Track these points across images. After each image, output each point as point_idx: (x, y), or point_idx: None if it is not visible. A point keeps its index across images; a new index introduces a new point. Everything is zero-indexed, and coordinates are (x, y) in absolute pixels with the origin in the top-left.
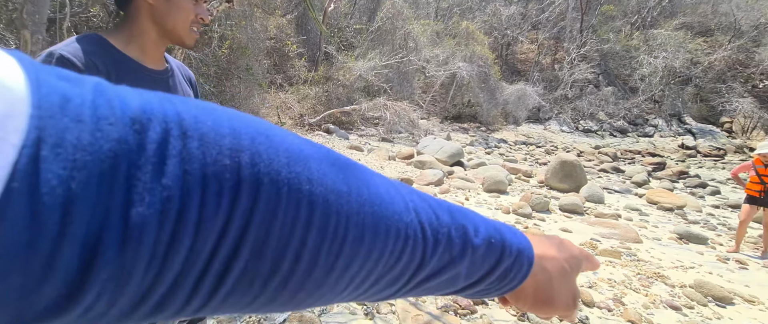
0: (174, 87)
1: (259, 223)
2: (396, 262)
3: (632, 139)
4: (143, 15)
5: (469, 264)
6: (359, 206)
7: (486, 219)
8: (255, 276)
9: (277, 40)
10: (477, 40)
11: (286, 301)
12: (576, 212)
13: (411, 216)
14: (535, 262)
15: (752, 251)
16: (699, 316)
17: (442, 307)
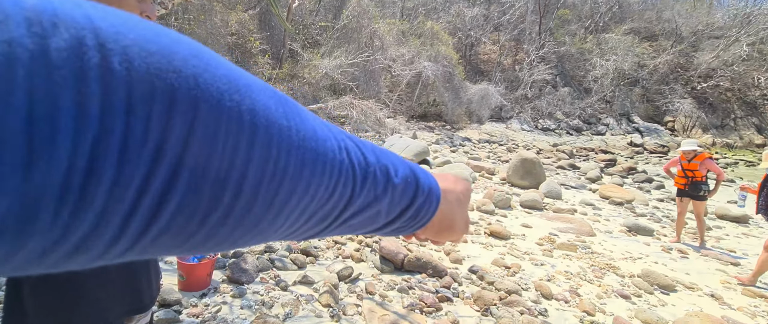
0: None
1: (196, 154)
2: (328, 199)
3: (587, 137)
4: None
5: (390, 201)
6: (300, 141)
7: (402, 160)
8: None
9: (239, 35)
10: (442, 41)
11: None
12: (536, 208)
13: (343, 155)
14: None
15: (691, 240)
16: (646, 304)
17: (408, 305)
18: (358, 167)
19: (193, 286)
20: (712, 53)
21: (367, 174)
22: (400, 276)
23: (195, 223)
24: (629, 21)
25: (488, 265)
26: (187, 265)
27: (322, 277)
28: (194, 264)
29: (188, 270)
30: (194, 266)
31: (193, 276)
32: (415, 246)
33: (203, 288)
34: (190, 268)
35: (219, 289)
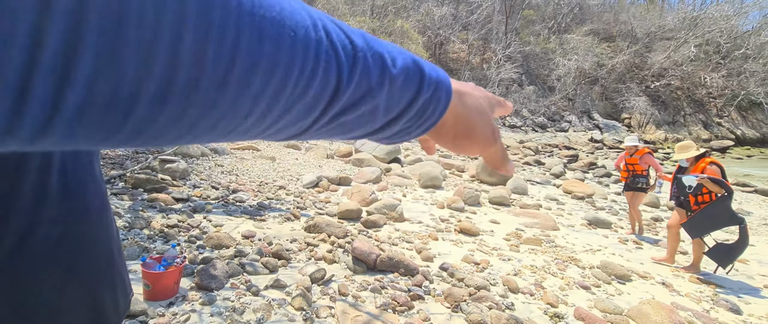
0: None
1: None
2: (307, 87)
3: (551, 133)
4: None
5: (388, 95)
6: (252, 8)
7: (402, 50)
8: (113, 84)
9: None
10: (412, 39)
11: (171, 123)
12: (503, 204)
13: (320, 34)
14: (452, 95)
15: (646, 232)
16: (604, 294)
17: (380, 305)
18: (343, 51)
19: (159, 295)
20: (664, 54)
21: (355, 60)
22: (373, 276)
23: (123, 100)
24: (589, 22)
25: (458, 262)
26: (152, 273)
27: (294, 280)
28: (160, 272)
29: (154, 278)
30: (160, 274)
31: (159, 284)
32: (387, 246)
33: (170, 296)
34: (155, 276)
35: (187, 296)
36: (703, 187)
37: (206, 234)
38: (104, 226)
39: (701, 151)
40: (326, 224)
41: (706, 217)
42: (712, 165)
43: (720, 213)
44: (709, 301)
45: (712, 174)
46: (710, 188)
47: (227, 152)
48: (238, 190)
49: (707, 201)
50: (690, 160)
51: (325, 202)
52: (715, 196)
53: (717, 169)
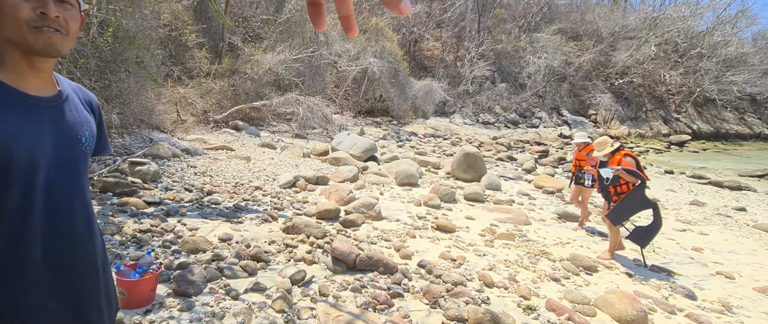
0: (65, 112)
1: None
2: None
3: (522, 130)
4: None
5: None
6: None
7: None
8: None
9: (173, 27)
10: (386, 37)
11: None
12: (478, 200)
13: None
14: None
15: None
16: (573, 285)
17: (361, 305)
18: None
19: (135, 303)
20: (627, 53)
21: None
22: (353, 276)
23: None
24: (557, 22)
25: (436, 259)
26: (127, 281)
27: (274, 282)
28: (135, 280)
29: (129, 286)
30: (136, 282)
31: (134, 292)
32: (366, 245)
33: (147, 304)
34: (131, 284)
35: (164, 303)
36: (621, 178)
37: (181, 238)
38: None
39: (616, 146)
40: (305, 225)
41: (625, 206)
42: (626, 157)
43: (636, 200)
44: (668, 289)
45: (627, 165)
46: (626, 179)
47: (200, 152)
48: (213, 191)
49: (625, 191)
50: (607, 155)
51: (302, 202)
52: (631, 186)
53: (631, 161)
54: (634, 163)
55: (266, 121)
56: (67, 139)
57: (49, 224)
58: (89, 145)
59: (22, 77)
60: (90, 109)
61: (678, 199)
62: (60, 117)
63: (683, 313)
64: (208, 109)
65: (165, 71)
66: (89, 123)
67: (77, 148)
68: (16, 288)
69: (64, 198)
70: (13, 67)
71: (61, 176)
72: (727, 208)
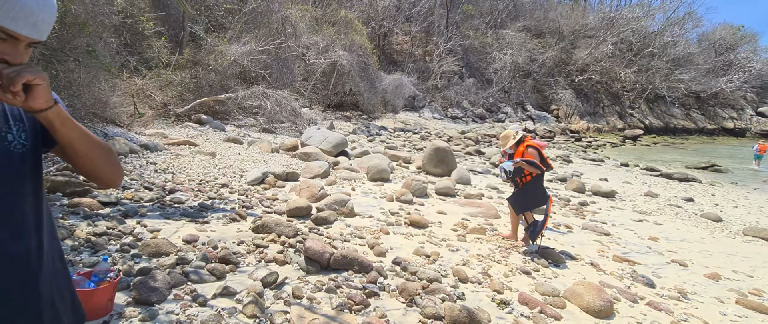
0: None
1: None
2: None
3: (489, 124)
4: None
5: None
6: None
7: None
8: None
9: (128, 14)
10: (356, 30)
11: None
12: (449, 195)
13: None
14: None
15: (574, 216)
16: (543, 277)
17: (337, 306)
18: None
19: (91, 315)
20: (586, 50)
21: None
22: (327, 275)
23: None
24: (522, 19)
25: (410, 256)
26: (81, 291)
27: (244, 286)
28: (90, 289)
29: (84, 297)
30: (91, 292)
31: (90, 303)
32: (339, 243)
33: (104, 315)
34: (86, 294)
35: (124, 313)
36: (524, 169)
37: (142, 241)
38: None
39: (519, 137)
40: (275, 224)
41: (524, 194)
42: (529, 148)
43: (534, 189)
44: (629, 278)
45: (529, 156)
46: (528, 170)
47: (160, 148)
48: (176, 190)
49: (528, 181)
50: (513, 147)
51: (272, 199)
52: (534, 175)
53: (533, 152)
54: (536, 153)
55: (232, 115)
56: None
57: None
58: (20, 142)
59: None
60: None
61: (634, 190)
62: None
63: (644, 301)
64: (168, 102)
65: (120, 61)
66: (19, 117)
67: (2, 148)
68: None
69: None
70: None
71: None
72: (677, 199)
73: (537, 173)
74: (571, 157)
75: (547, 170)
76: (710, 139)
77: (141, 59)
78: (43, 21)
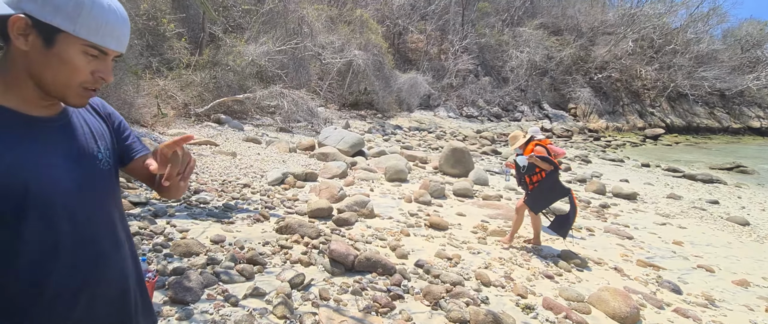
0: (74, 130)
1: None
2: None
3: (505, 123)
4: (17, 63)
5: None
6: None
7: None
8: None
9: (150, 16)
10: (371, 29)
11: None
12: (467, 196)
13: None
14: None
15: (596, 219)
16: (567, 282)
17: (363, 308)
18: None
19: None
20: (606, 48)
21: None
22: (352, 277)
23: None
24: (539, 16)
25: (432, 258)
26: None
27: (273, 286)
28: None
29: None
30: None
31: None
32: (362, 244)
33: None
34: None
35: (161, 312)
36: (536, 167)
37: (172, 241)
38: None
39: (528, 137)
40: (298, 225)
41: (541, 192)
42: (537, 146)
43: (551, 186)
44: (655, 283)
45: (539, 153)
46: (540, 165)
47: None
48: (201, 190)
49: (540, 179)
50: (521, 146)
51: (293, 199)
52: (544, 174)
53: (542, 149)
54: (544, 151)
55: (249, 115)
56: (83, 158)
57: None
58: (107, 159)
59: (28, 103)
60: (106, 118)
61: (656, 192)
62: (69, 137)
63: (671, 307)
64: (189, 102)
65: (143, 63)
66: (104, 136)
67: (93, 166)
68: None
69: (91, 223)
70: (23, 95)
71: (83, 200)
72: (701, 201)
73: (550, 170)
74: (590, 157)
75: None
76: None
77: (162, 60)
78: (124, 34)
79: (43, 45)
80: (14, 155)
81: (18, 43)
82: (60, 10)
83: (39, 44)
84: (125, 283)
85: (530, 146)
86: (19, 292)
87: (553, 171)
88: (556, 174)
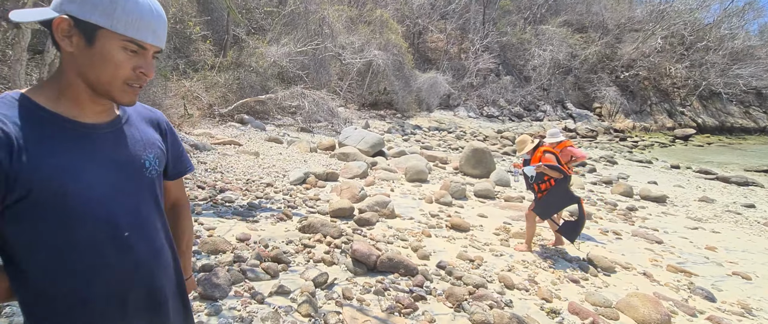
0: (126, 137)
1: None
2: None
3: (527, 123)
4: (68, 67)
5: None
6: None
7: None
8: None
9: (177, 20)
10: (391, 29)
11: None
12: (489, 197)
13: None
14: None
15: (621, 222)
16: (593, 286)
17: (387, 309)
18: None
19: None
20: (633, 45)
21: None
22: (374, 277)
23: None
24: (563, 13)
25: (454, 260)
26: None
27: (297, 285)
28: None
29: None
30: None
31: None
32: (383, 245)
33: None
34: None
35: (192, 308)
36: (545, 174)
37: (200, 238)
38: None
39: (535, 143)
40: (321, 224)
41: (550, 199)
42: (546, 153)
43: (560, 194)
44: (687, 290)
45: (548, 161)
46: (549, 174)
47: (209, 148)
48: (226, 189)
49: (549, 187)
50: (529, 152)
51: (314, 199)
52: (553, 181)
53: (551, 156)
54: (554, 158)
55: (271, 115)
56: (129, 165)
57: (117, 261)
58: (155, 168)
59: (81, 108)
60: (157, 127)
61: (686, 194)
62: (118, 143)
63: (704, 315)
64: (213, 102)
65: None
66: (154, 144)
67: (141, 174)
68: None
69: (131, 231)
70: (75, 99)
71: (124, 208)
72: (736, 205)
73: (559, 177)
74: (616, 158)
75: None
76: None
77: (188, 62)
78: (160, 28)
79: (86, 44)
80: (56, 161)
81: (64, 45)
82: (97, 6)
83: (82, 44)
84: (162, 291)
85: (538, 153)
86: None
87: (562, 179)
88: (566, 182)
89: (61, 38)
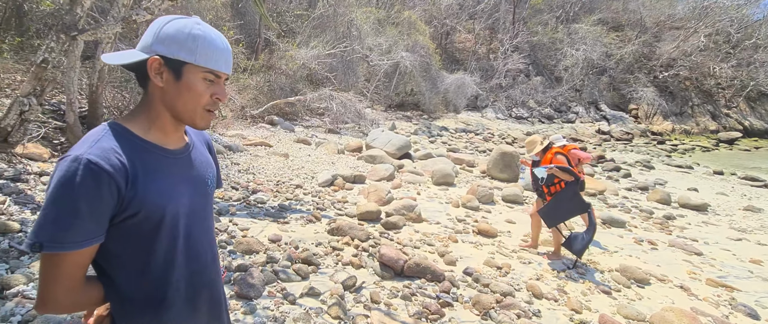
0: (194, 160)
1: None
2: None
3: (558, 125)
4: (157, 99)
5: None
6: None
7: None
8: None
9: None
10: (418, 30)
11: None
12: (517, 202)
13: None
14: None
15: (659, 231)
16: (625, 298)
17: (414, 314)
18: None
19: None
20: (673, 44)
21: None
22: (401, 282)
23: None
24: (598, 11)
25: (481, 266)
26: None
27: (327, 287)
28: None
29: None
30: None
31: None
32: (410, 249)
33: None
34: None
35: (229, 306)
36: (555, 177)
37: (235, 239)
38: (217, 276)
39: (545, 144)
40: (349, 227)
41: (558, 204)
42: (557, 155)
43: (570, 198)
44: (727, 306)
45: (559, 163)
46: (560, 176)
47: (241, 149)
48: (258, 190)
49: (558, 190)
50: (539, 154)
51: (342, 201)
52: (563, 184)
53: (563, 158)
54: (565, 160)
55: (300, 116)
56: (199, 185)
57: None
58: (213, 185)
59: (169, 136)
60: (208, 148)
61: (730, 203)
62: (191, 166)
63: None
64: (245, 104)
65: None
66: (211, 165)
67: (206, 191)
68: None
69: (198, 240)
70: (162, 128)
71: (195, 220)
72: None
73: (569, 181)
74: (653, 162)
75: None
76: None
77: None
78: (230, 58)
79: (174, 78)
80: (157, 186)
81: (156, 81)
82: (183, 45)
83: (171, 79)
84: (221, 293)
85: (549, 154)
86: (140, 300)
87: (573, 182)
88: (576, 186)
89: (154, 75)
